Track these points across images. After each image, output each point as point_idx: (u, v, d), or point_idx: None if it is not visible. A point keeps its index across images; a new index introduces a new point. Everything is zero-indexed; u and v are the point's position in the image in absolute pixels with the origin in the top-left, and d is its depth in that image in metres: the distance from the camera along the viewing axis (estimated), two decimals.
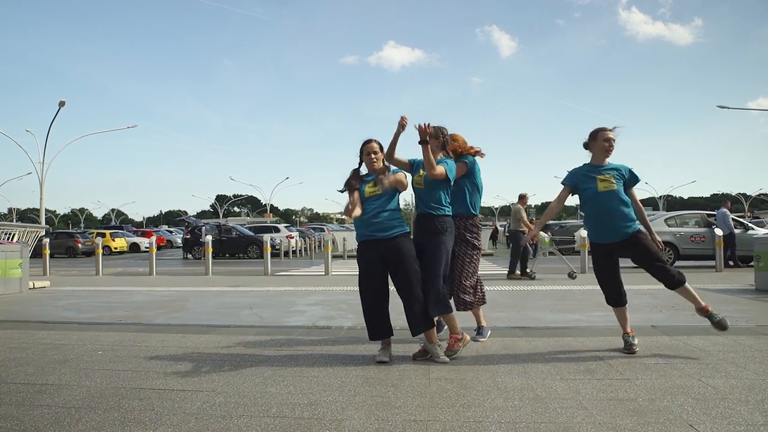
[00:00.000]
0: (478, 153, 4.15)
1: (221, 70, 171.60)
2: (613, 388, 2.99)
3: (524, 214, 10.53)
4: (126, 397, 2.95)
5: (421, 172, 3.86)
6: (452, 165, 3.86)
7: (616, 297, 3.90)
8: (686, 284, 3.68)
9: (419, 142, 3.60)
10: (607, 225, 3.80)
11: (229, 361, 3.74)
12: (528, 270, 10.18)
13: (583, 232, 11.61)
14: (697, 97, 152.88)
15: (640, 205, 3.92)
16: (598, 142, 3.85)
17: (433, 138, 3.77)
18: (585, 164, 3.97)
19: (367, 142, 3.82)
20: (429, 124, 3.60)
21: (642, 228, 3.82)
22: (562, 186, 4.01)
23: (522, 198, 10.89)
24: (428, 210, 3.80)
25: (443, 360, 3.63)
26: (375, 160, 3.76)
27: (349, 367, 3.54)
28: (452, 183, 3.86)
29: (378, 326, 3.73)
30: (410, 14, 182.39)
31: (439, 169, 3.71)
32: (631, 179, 3.86)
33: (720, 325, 3.74)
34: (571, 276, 9.53)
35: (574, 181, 3.94)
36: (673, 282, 3.69)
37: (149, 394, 2.98)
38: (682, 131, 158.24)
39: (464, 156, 4.09)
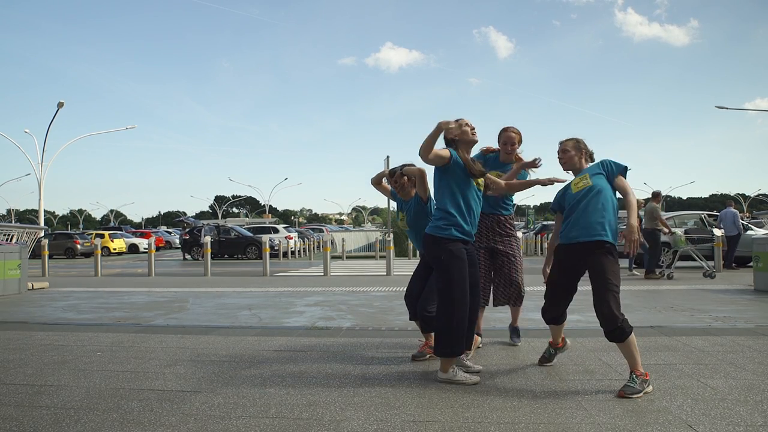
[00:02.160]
0: None
1: (219, 71, 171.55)
2: (612, 389, 2.99)
3: (661, 213, 10.45)
4: (125, 397, 2.94)
5: (401, 215, 3.89)
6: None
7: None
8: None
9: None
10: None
11: (228, 362, 3.74)
12: (664, 270, 10.01)
13: (718, 231, 11.23)
14: (694, 97, 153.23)
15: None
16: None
17: None
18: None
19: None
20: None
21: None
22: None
23: (656, 196, 10.81)
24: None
25: (477, 368, 3.34)
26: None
27: (348, 368, 3.53)
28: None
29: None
30: (408, 16, 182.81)
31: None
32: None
33: None
34: (711, 276, 9.34)
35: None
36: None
37: (148, 395, 2.98)
38: (679, 132, 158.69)
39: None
